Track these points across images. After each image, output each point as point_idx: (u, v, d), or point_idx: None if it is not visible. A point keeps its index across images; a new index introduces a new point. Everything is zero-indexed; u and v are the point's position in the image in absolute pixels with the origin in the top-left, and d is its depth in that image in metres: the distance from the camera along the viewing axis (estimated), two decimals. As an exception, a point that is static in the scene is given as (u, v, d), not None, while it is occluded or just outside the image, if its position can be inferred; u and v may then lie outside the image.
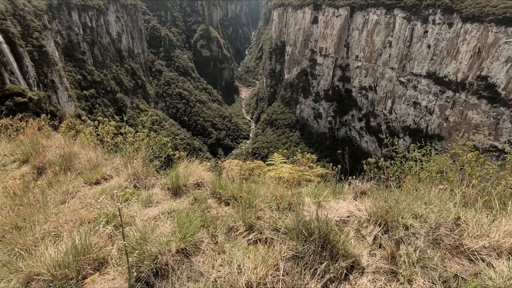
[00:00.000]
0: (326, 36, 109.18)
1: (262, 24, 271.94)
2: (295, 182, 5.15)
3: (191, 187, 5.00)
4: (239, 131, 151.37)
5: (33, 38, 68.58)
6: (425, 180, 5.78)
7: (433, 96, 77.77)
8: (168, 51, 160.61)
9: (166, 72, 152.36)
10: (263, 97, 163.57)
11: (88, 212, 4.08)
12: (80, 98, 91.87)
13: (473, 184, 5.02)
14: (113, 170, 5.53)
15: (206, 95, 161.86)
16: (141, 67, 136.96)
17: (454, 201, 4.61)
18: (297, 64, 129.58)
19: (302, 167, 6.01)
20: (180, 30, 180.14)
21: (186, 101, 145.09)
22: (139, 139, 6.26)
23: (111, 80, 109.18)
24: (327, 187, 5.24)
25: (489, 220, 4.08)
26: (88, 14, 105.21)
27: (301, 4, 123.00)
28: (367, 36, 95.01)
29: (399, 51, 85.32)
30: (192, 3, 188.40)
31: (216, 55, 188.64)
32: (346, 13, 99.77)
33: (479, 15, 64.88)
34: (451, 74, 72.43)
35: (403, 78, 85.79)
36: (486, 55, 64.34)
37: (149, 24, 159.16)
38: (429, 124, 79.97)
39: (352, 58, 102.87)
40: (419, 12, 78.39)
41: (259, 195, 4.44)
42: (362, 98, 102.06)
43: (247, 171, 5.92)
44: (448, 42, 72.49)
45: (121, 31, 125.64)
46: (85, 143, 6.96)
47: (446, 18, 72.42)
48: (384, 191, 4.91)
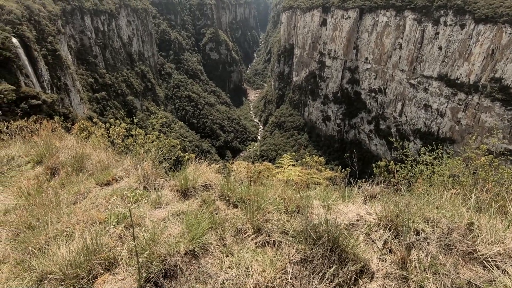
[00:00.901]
0: (335, 38, 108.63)
1: (271, 27, 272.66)
2: (303, 185, 5.12)
3: (200, 189, 5.03)
4: (247, 134, 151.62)
5: (47, 42, 70.47)
6: (436, 184, 5.66)
7: (445, 99, 76.33)
8: (178, 54, 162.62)
9: (176, 75, 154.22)
10: (271, 100, 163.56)
11: (99, 213, 4.15)
12: (92, 100, 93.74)
13: (487, 189, 4.90)
14: (124, 171, 5.62)
15: (215, 97, 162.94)
16: (151, 70, 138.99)
17: (467, 206, 4.50)
18: (305, 67, 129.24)
19: (310, 170, 5.98)
20: (189, 34, 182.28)
21: (195, 103, 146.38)
22: (149, 141, 6.35)
23: (122, 83, 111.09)
24: (336, 190, 5.19)
25: (504, 226, 3.97)
26: (100, 18, 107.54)
27: (310, 7, 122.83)
28: (377, 38, 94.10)
29: (410, 53, 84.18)
30: (201, 7, 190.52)
31: (224, 58, 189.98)
32: (355, 15, 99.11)
33: (492, 16, 63.54)
34: (463, 76, 71.00)
35: (414, 80, 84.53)
36: (500, 56, 62.87)
37: (159, 27, 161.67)
38: (441, 127, 78.44)
39: (361, 60, 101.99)
40: (430, 13, 77.27)
41: (267, 198, 4.44)
42: (372, 101, 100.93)
43: (255, 173, 5.92)
44: (460, 43, 71.17)
45: (132, 35, 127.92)
46: (97, 145, 7.10)
47: (458, 19, 71.16)
48: (395, 195, 4.84)
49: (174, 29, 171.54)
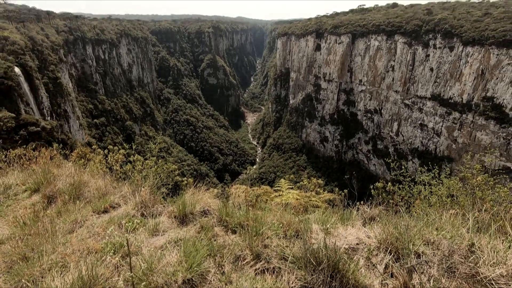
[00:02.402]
0: (329, 62, 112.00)
1: (267, 52, 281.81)
2: (302, 209, 5.10)
3: (198, 214, 4.99)
4: (246, 156, 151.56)
5: (49, 71, 72.13)
6: (435, 205, 5.65)
7: (440, 118, 77.49)
8: (176, 80, 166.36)
9: (174, 99, 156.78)
10: (269, 122, 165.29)
11: (96, 242, 4.09)
12: (91, 126, 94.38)
13: (485, 209, 4.89)
14: (121, 198, 5.59)
15: (213, 121, 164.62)
16: (150, 96, 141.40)
17: (467, 227, 4.48)
18: (301, 90, 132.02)
19: (309, 193, 5.96)
20: (188, 60, 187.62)
21: (193, 127, 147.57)
22: (147, 167, 6.37)
23: (121, 109, 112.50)
24: (335, 213, 5.16)
25: (504, 247, 3.93)
26: (101, 47, 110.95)
27: (304, 33, 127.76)
28: (370, 61, 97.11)
29: (402, 74, 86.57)
30: (200, 35, 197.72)
31: (222, 82, 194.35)
32: (348, 40, 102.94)
33: (479, 38, 66.20)
34: (456, 96, 72.62)
35: (408, 100, 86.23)
36: (490, 76, 64.74)
37: (158, 55, 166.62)
38: (438, 146, 78.95)
39: (355, 82, 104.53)
40: (419, 37, 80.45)
41: (266, 223, 4.40)
42: (368, 121, 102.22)
43: (254, 197, 5.90)
44: (450, 64, 73.49)
45: (132, 62, 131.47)
46: (95, 172, 7.10)
47: (447, 42, 74.01)
48: (394, 217, 4.82)
49: (173, 56, 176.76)
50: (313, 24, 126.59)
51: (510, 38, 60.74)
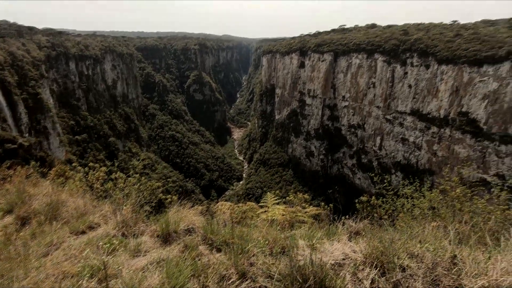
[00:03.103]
0: (313, 78, 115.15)
1: (252, 69, 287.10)
2: (287, 224, 5.07)
3: (182, 233, 4.85)
4: (232, 172, 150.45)
5: (29, 87, 70.23)
6: (418, 217, 5.76)
7: (420, 132, 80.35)
8: (162, 96, 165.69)
9: (160, 115, 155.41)
10: (255, 137, 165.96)
11: (72, 265, 3.87)
12: (72, 143, 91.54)
13: (465, 220, 5.03)
14: (101, 217, 5.38)
15: (199, 137, 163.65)
16: (135, 111, 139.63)
17: (448, 239, 4.57)
18: (287, 105, 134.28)
19: (295, 208, 5.95)
20: (173, 76, 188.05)
21: (178, 143, 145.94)
22: (130, 185, 6.20)
23: (104, 125, 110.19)
24: (321, 228, 5.15)
25: (485, 258, 4.02)
26: (85, 63, 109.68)
27: (288, 51, 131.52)
28: (352, 78, 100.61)
29: (383, 91, 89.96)
30: (186, 52, 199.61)
31: (208, 98, 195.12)
32: (330, 58, 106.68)
33: (452, 57, 70.23)
34: (434, 111, 75.84)
35: (389, 116, 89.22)
36: (464, 93, 68.29)
37: (144, 71, 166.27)
38: (419, 159, 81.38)
39: (339, 98, 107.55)
40: (398, 55, 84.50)
41: (251, 240, 4.33)
42: (352, 136, 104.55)
43: (239, 214, 5.82)
44: (427, 81, 77.16)
45: (116, 78, 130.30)
46: (74, 190, 6.83)
47: (423, 60, 78.02)
48: (379, 231, 4.86)
49: (158, 72, 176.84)
50: (297, 42, 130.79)
51: (480, 58, 64.78)
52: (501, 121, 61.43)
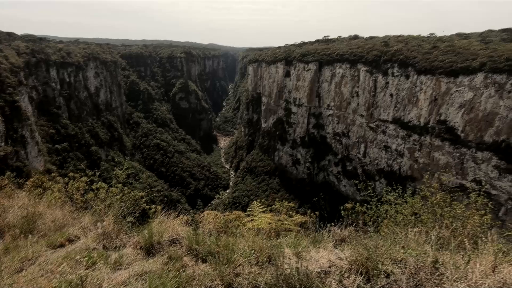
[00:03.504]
0: (298, 87, 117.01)
1: (239, 77, 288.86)
2: (273, 233, 5.05)
3: (166, 244, 4.73)
4: (219, 180, 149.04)
5: (6, 94, 67.59)
6: (400, 223, 5.89)
7: (401, 140, 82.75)
8: (147, 104, 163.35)
9: (144, 124, 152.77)
10: (241, 146, 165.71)
11: (48, 281, 3.68)
12: (52, 152, 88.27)
13: (445, 225, 5.18)
14: (81, 230, 5.17)
15: (185, 145, 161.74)
16: (119, 120, 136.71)
17: (430, 244, 4.68)
18: (273, 114, 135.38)
19: (281, 216, 5.94)
20: (159, 84, 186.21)
21: (164, 152, 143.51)
22: (112, 195, 6.01)
23: (86, 133, 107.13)
24: (307, 236, 5.16)
25: (464, 261, 4.14)
26: (67, 70, 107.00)
27: (274, 60, 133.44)
28: (336, 87, 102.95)
29: (366, 100, 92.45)
30: (172, 60, 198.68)
31: (194, 106, 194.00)
32: (315, 68, 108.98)
33: (430, 68, 73.34)
34: (415, 119, 78.49)
35: (372, 124, 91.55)
36: (442, 102, 71.20)
37: (128, 79, 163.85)
38: (401, 166, 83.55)
39: (324, 107, 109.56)
40: (379, 66, 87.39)
41: (237, 249, 4.28)
42: (337, 144, 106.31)
43: (225, 223, 5.75)
44: (407, 91, 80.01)
45: (99, 85, 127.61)
46: (52, 202, 6.55)
47: (403, 71, 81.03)
48: (363, 237, 4.92)
49: (143, 80, 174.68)
50: (282, 52, 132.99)
51: (456, 69, 68.00)
52: (476, 129, 64.28)
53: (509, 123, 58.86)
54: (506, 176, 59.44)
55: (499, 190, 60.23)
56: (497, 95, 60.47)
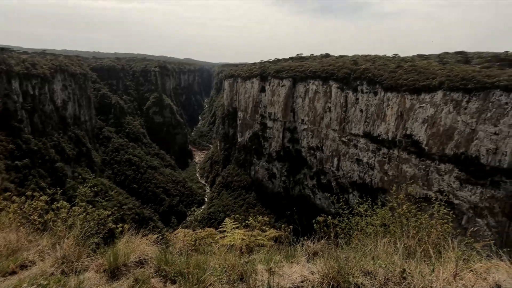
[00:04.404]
0: (273, 102, 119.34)
1: (214, 92, 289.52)
2: (245, 249, 4.96)
3: (133, 265, 4.47)
4: (194, 196, 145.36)
5: (-41, 107, 62.34)
6: (371, 234, 6.04)
7: (372, 153, 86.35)
8: (118, 118, 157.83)
9: (115, 138, 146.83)
10: (217, 160, 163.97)
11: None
12: (10, 169, 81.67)
13: (411, 235, 5.40)
14: (38, 254, 4.76)
15: (158, 160, 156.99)
16: (87, 134, 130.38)
17: (398, 254, 4.82)
18: (249, 128, 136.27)
19: (255, 232, 5.87)
20: (132, 98, 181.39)
21: (136, 167, 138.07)
22: (74, 215, 5.62)
23: (51, 149, 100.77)
24: (280, 251, 5.13)
25: (429, 270, 4.31)
26: (31, 82, 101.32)
27: (250, 76, 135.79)
28: (310, 103, 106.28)
29: (338, 115, 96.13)
30: (145, 73, 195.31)
31: (169, 121, 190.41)
32: (289, 84, 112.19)
33: (395, 86, 78.25)
34: (383, 134, 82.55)
35: (344, 138, 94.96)
36: (407, 117, 75.76)
37: (99, 92, 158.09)
38: (373, 179, 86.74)
39: (298, 121, 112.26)
40: (349, 83, 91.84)
41: (208, 268, 4.14)
42: (311, 158, 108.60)
43: (197, 241, 5.57)
44: (376, 107, 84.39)
45: (67, 99, 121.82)
46: (6, 224, 5.99)
47: (371, 88, 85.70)
48: (335, 250, 4.97)
49: (115, 94, 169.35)
50: (257, 68, 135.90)
51: (418, 86, 73.11)
52: (439, 143, 68.80)
53: (466, 137, 63.69)
54: (466, 186, 63.65)
55: (461, 200, 64.20)
56: (455, 111, 65.52)
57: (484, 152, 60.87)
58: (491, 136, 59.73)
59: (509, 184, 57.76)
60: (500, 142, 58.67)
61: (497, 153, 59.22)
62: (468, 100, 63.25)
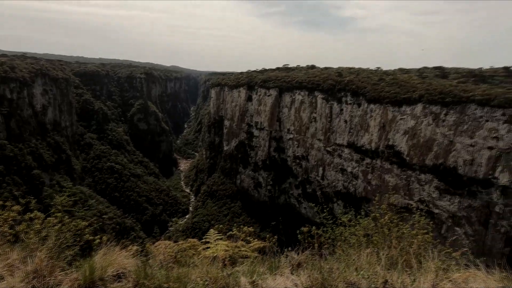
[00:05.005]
0: (260, 112, 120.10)
1: (201, 100, 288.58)
2: (228, 261, 4.86)
3: (110, 280, 4.27)
4: (178, 205, 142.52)
5: None
6: (354, 245, 6.07)
7: (356, 163, 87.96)
8: (101, 124, 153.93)
9: (97, 145, 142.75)
10: (203, 169, 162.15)
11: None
12: (-18, 176, 77.54)
13: (393, 245, 5.47)
14: (6, 268, 4.46)
15: (142, 168, 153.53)
16: (68, 141, 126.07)
17: (381, 264, 4.86)
18: (235, 137, 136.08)
19: (238, 243, 5.78)
20: (116, 104, 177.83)
21: (118, 175, 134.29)
22: (49, 226, 5.35)
23: (28, 155, 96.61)
24: (265, 262, 5.05)
25: (411, 280, 4.36)
26: (8, 86, 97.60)
27: (237, 85, 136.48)
28: (295, 113, 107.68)
29: (323, 125, 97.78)
30: (131, 80, 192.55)
31: (154, 128, 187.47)
32: (276, 93, 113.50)
33: (378, 98, 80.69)
34: (366, 144, 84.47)
35: (329, 148, 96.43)
36: (389, 128, 78.01)
37: (81, 97, 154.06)
38: (356, 188, 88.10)
39: (284, 131, 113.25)
40: (334, 94, 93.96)
41: (190, 281, 4.01)
42: (297, 167, 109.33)
43: (179, 253, 5.41)
44: (359, 118, 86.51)
45: (47, 104, 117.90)
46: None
47: (355, 99, 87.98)
48: (319, 261, 4.95)
49: (99, 100, 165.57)
50: (244, 77, 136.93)
51: (399, 99, 75.70)
52: (419, 153, 71.03)
53: (445, 148, 66.14)
54: (445, 196, 65.72)
55: (441, 209, 66.13)
56: (434, 123, 68.11)
57: (461, 163, 63.29)
58: (467, 148, 62.31)
59: (485, 194, 60.12)
60: (476, 154, 61.25)
61: (473, 164, 61.71)
62: (446, 113, 65.99)
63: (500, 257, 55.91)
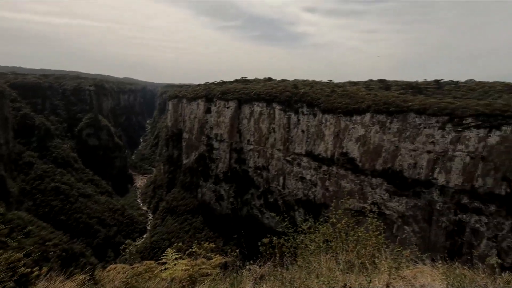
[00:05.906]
0: (219, 124, 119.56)
1: (157, 113, 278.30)
2: (189, 281, 4.62)
3: (50, 317, 3.76)
4: (134, 225, 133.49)
5: None
6: (314, 252, 6.21)
7: (314, 171, 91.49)
8: (44, 141, 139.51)
9: (39, 164, 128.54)
10: (161, 184, 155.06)
11: None
12: None
13: (350, 249, 5.71)
14: None
15: (93, 187, 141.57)
16: (2, 160, 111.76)
17: (339, 268, 5.02)
18: (195, 149, 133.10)
19: (199, 260, 5.54)
20: (61, 119, 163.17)
21: (64, 196, 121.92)
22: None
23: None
24: (226, 278, 4.90)
25: (367, 281, 4.55)
26: None
27: (195, 97, 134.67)
28: (255, 124, 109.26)
29: (282, 135, 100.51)
30: (78, 92, 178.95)
31: (106, 143, 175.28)
32: (235, 105, 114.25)
33: (331, 108, 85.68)
34: (323, 152, 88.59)
35: (289, 157, 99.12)
36: (342, 136, 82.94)
37: (19, 112, 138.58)
38: (316, 195, 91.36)
39: (244, 142, 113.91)
40: (291, 105, 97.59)
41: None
42: (258, 177, 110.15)
43: (134, 277, 4.99)
44: (315, 127, 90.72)
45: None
46: None
47: (311, 110, 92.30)
48: (281, 271, 4.95)
49: (40, 114, 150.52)
50: (203, 89, 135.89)
51: (350, 109, 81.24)
52: (370, 159, 76.43)
53: (391, 153, 72.13)
54: (394, 197, 71.26)
55: (391, 210, 71.39)
56: (381, 131, 74.13)
57: (406, 167, 69.49)
58: (410, 152, 68.74)
59: (427, 194, 66.51)
60: (417, 157, 67.81)
61: (416, 167, 68.14)
62: (391, 121, 72.40)
63: (443, 251, 61.94)
